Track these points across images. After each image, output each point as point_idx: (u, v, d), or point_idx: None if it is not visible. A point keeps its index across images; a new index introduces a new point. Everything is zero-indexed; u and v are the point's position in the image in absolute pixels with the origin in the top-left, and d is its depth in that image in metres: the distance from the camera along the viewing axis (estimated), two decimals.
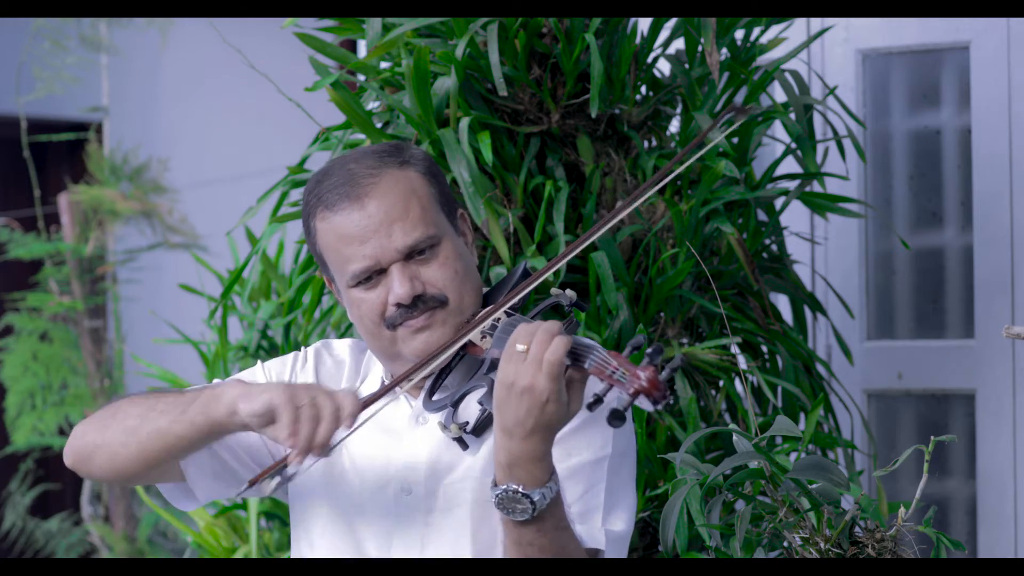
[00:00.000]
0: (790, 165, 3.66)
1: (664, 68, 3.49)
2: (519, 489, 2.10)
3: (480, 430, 2.25)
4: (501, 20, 3.02)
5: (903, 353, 3.94)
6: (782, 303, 3.58)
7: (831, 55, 3.97)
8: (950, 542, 2.42)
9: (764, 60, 3.38)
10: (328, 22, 3.24)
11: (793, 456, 2.62)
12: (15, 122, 5.72)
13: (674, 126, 3.31)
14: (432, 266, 2.28)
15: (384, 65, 3.17)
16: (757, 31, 3.23)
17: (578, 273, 3.06)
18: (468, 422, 2.23)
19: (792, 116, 3.19)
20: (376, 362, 2.43)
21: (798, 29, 3.89)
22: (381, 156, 2.32)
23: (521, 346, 2.07)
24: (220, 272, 3.90)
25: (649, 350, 2.00)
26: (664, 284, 3.02)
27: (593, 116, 3.06)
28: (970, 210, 3.86)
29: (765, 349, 3.19)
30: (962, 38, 3.86)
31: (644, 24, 3.22)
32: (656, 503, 2.99)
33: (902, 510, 2.45)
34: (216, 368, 3.56)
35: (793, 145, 3.23)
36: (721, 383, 3.11)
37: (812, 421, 2.81)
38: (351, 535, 2.32)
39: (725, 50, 3.19)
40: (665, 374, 1.98)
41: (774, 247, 3.30)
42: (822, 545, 2.40)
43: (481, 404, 2.24)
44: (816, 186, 3.38)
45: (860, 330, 3.94)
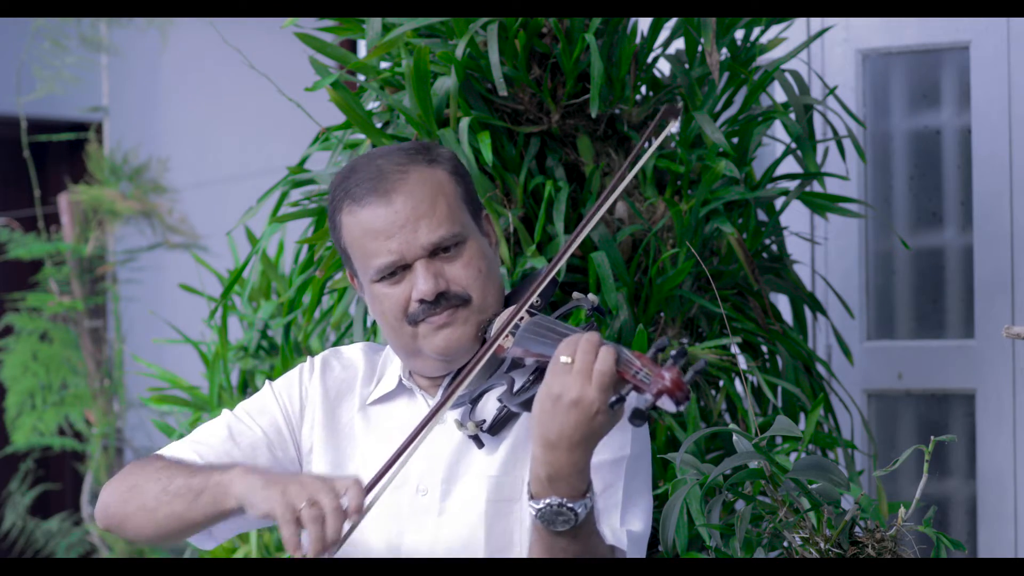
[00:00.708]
0: (790, 165, 3.66)
1: (664, 68, 3.49)
2: (563, 503, 2.07)
3: (497, 428, 2.26)
4: (501, 20, 3.02)
5: (903, 353, 3.93)
6: (782, 303, 3.58)
7: (831, 55, 3.96)
8: (950, 542, 2.43)
9: (764, 60, 3.38)
10: (328, 22, 3.24)
11: (793, 456, 2.62)
12: (15, 122, 5.72)
13: (674, 126, 3.31)
14: (456, 264, 2.29)
15: (384, 65, 3.17)
16: (757, 31, 3.23)
17: (578, 273, 3.06)
18: (485, 420, 2.24)
19: (792, 116, 3.19)
20: (392, 362, 2.44)
21: (798, 29, 3.88)
22: (410, 153, 2.33)
23: (566, 358, 2.03)
24: (220, 272, 3.90)
25: (673, 352, 1.98)
26: (664, 284, 3.02)
27: (593, 116, 3.06)
28: (970, 210, 3.86)
29: (765, 349, 3.19)
30: (962, 38, 3.86)
31: (644, 24, 3.22)
32: (656, 503, 2.98)
33: (902, 510, 2.45)
34: (216, 368, 3.55)
35: (793, 145, 3.23)
36: (721, 383, 3.10)
37: (812, 421, 2.81)
38: (361, 534, 2.31)
39: (725, 50, 3.19)
40: (689, 376, 1.97)
41: (774, 247, 3.30)
42: (822, 545, 2.40)
43: (500, 402, 2.24)
44: (816, 186, 3.38)
45: (860, 330, 3.93)
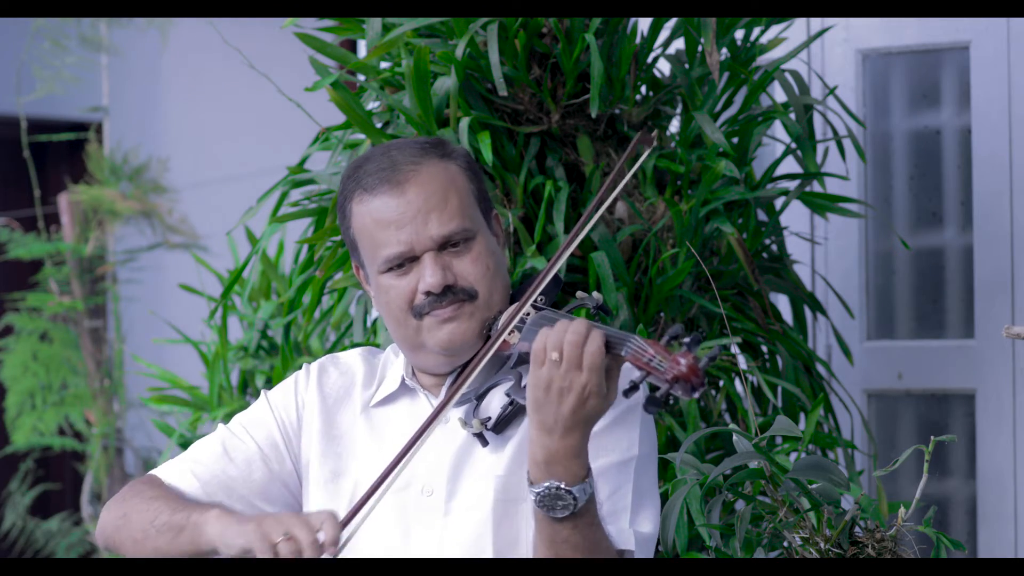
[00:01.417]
0: (790, 165, 3.66)
1: (664, 68, 3.49)
2: (561, 486, 2.09)
3: (502, 426, 2.25)
4: (501, 20, 3.02)
5: (903, 353, 3.93)
6: (782, 303, 3.58)
7: (831, 55, 3.96)
8: (950, 542, 2.43)
9: (764, 60, 3.38)
10: (328, 22, 3.24)
11: (793, 456, 2.62)
12: (15, 122, 5.72)
13: (674, 126, 3.31)
14: (465, 259, 2.29)
15: (384, 65, 3.17)
16: (757, 31, 3.23)
17: (578, 273, 3.06)
18: (490, 418, 2.23)
19: (792, 116, 3.19)
20: (392, 364, 2.44)
21: (798, 29, 3.88)
22: (424, 147, 2.34)
23: (555, 355, 2.06)
24: (220, 272, 3.90)
25: (687, 339, 1.99)
26: (664, 284, 3.02)
27: (593, 116, 3.06)
28: (970, 210, 3.86)
29: (765, 349, 3.19)
30: (962, 38, 3.86)
31: (644, 24, 3.22)
32: None
33: (902, 510, 2.46)
34: (216, 368, 3.55)
35: (793, 145, 3.23)
36: (721, 383, 3.10)
37: (812, 421, 2.81)
38: (366, 534, 2.30)
39: (725, 50, 3.19)
40: (704, 362, 1.97)
41: (774, 247, 3.30)
42: (822, 545, 2.40)
43: (508, 396, 2.24)
44: (816, 186, 3.38)
45: (860, 330, 3.93)
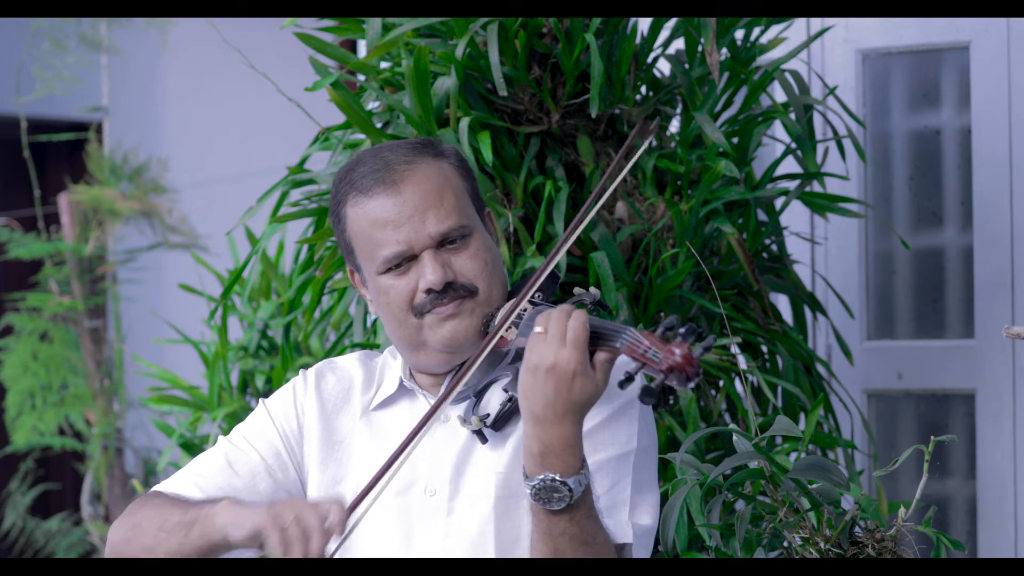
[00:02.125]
0: (790, 165, 3.66)
1: (664, 68, 3.48)
2: (556, 477, 2.10)
3: (501, 423, 2.26)
4: (501, 20, 3.02)
5: (903, 353, 3.93)
6: (782, 303, 3.58)
7: (831, 55, 3.96)
8: (950, 542, 2.43)
9: (764, 60, 3.38)
10: (328, 22, 3.24)
11: (793, 456, 2.62)
12: (15, 122, 5.72)
13: (674, 126, 3.31)
14: (463, 256, 2.30)
15: (384, 65, 3.17)
16: (757, 31, 3.23)
17: (578, 273, 3.06)
18: (489, 415, 2.24)
19: (792, 116, 3.19)
20: (390, 366, 2.44)
21: (798, 29, 3.88)
22: (416, 147, 2.35)
23: (539, 328, 2.09)
24: (220, 272, 3.90)
25: (682, 330, 2.00)
26: (664, 284, 3.02)
27: (593, 116, 3.06)
28: (970, 210, 3.86)
29: (765, 349, 3.19)
30: (962, 38, 3.86)
31: (644, 24, 3.22)
32: None
33: (902, 510, 2.46)
34: (216, 368, 3.55)
35: (793, 145, 3.23)
36: (721, 383, 3.10)
37: (812, 421, 2.80)
38: (369, 534, 2.31)
39: (725, 50, 3.19)
40: (699, 352, 1.98)
41: (774, 247, 3.30)
42: (822, 545, 2.40)
43: (507, 391, 2.24)
44: (816, 186, 3.38)
45: (860, 330, 3.93)
